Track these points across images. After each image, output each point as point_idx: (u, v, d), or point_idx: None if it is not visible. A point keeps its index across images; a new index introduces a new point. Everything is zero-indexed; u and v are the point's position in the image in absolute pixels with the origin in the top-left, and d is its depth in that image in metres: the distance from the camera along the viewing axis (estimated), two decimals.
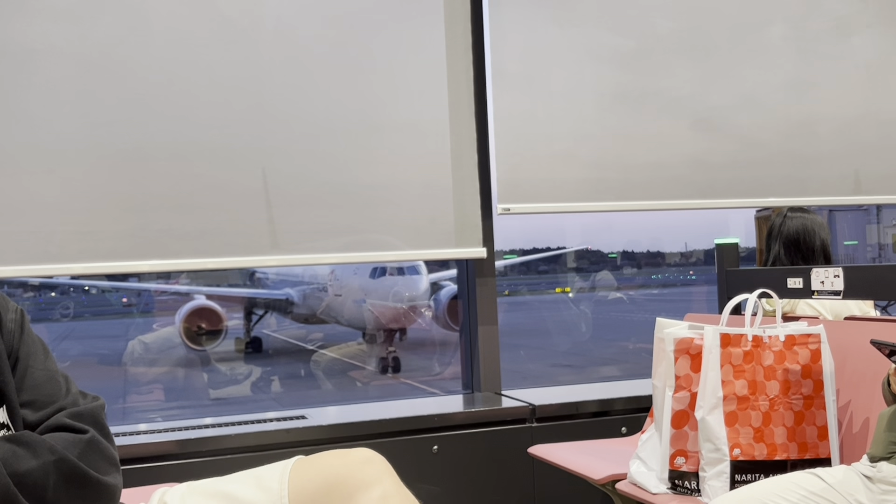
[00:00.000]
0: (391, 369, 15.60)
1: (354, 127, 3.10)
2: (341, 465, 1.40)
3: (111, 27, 2.86)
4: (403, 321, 15.35)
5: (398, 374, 15.39)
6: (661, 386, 2.27)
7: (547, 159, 3.32)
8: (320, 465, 1.41)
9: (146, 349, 18.08)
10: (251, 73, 3.00)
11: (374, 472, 1.38)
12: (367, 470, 1.38)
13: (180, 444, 2.68)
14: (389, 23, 3.16)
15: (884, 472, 1.82)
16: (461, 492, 2.93)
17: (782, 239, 3.03)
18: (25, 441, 1.28)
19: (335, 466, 1.40)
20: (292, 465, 1.43)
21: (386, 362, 15.70)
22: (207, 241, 2.94)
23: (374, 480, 1.36)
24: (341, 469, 1.39)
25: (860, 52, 3.78)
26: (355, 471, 1.37)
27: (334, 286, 16.22)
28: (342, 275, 15.91)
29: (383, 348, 15.95)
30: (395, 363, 15.65)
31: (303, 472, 1.41)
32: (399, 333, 16.19)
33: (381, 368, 15.78)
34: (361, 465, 1.39)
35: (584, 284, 29.23)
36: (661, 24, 3.52)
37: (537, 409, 3.05)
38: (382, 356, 15.81)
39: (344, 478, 1.37)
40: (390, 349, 15.79)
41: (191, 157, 2.93)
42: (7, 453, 1.24)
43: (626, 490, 2.29)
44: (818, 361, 2.20)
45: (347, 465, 1.39)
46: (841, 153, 3.73)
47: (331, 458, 1.42)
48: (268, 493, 1.39)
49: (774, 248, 3.06)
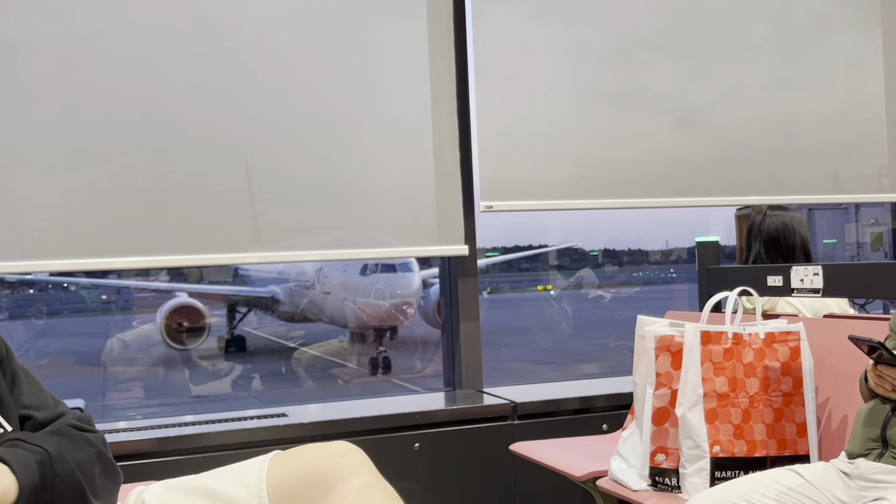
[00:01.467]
0: (381, 369, 15.15)
1: (336, 124, 3.09)
2: (319, 458, 1.40)
3: (91, 22, 2.83)
4: (394, 320, 14.93)
5: (389, 375, 14.97)
6: (642, 383, 2.28)
7: (529, 157, 3.32)
8: (298, 458, 1.42)
9: (125, 347, 17.91)
10: (232, 70, 2.98)
11: (353, 463, 1.38)
12: (346, 462, 1.38)
13: (160, 442, 2.67)
14: (371, 20, 3.15)
15: (861, 468, 1.83)
16: (442, 489, 2.93)
17: (762, 238, 3.05)
18: (68, 435, 1.35)
19: (313, 459, 1.40)
20: (270, 459, 1.43)
21: (376, 362, 15.26)
22: (188, 238, 2.92)
23: (352, 472, 1.37)
24: (319, 462, 1.39)
25: (839, 51, 3.80)
26: (333, 463, 1.38)
27: (322, 284, 15.85)
28: (330, 272, 15.53)
29: (373, 348, 15.53)
30: (385, 363, 15.20)
31: (281, 465, 1.41)
32: (389, 332, 15.71)
33: (372, 369, 15.35)
34: (339, 457, 1.39)
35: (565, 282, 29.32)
36: (644, 22, 3.53)
37: (519, 407, 3.06)
38: (372, 356, 15.40)
39: (322, 470, 1.37)
40: (380, 349, 15.34)
41: (171, 154, 2.90)
42: (62, 447, 1.31)
43: (607, 487, 2.30)
44: (797, 359, 2.22)
45: (325, 457, 1.40)
46: (820, 152, 3.76)
47: (309, 452, 1.43)
48: (246, 487, 1.39)
49: (755, 246, 3.07)
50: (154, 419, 2.90)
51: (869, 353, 1.82)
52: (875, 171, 3.86)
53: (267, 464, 1.42)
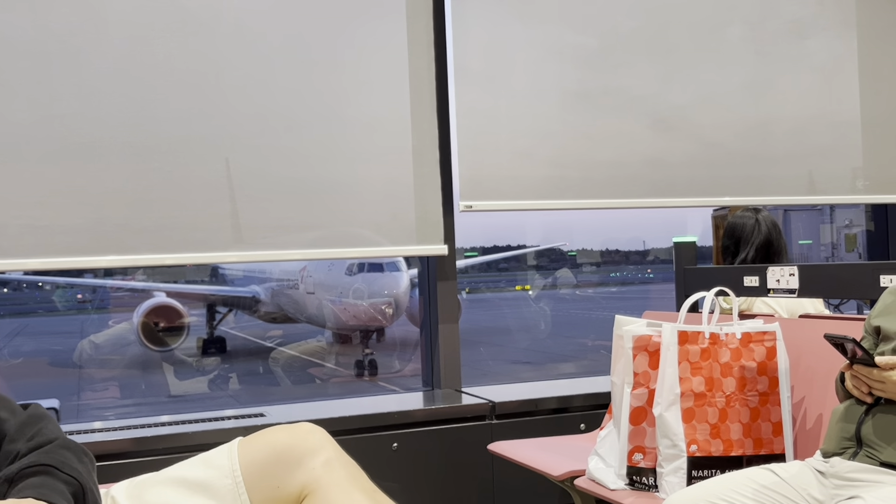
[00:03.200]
0: (367, 372, 14.79)
1: (315, 122, 3.08)
2: (287, 437, 1.47)
3: (66, 17, 2.80)
4: (382, 320, 14.55)
5: (376, 377, 14.63)
6: (620, 383, 2.29)
7: (508, 157, 3.33)
8: (266, 439, 1.48)
9: (97, 349, 17.67)
10: (211, 67, 2.96)
11: (319, 440, 1.46)
12: (312, 439, 1.46)
13: (136, 442, 2.65)
14: (351, 18, 3.14)
15: (836, 467, 1.85)
16: (421, 489, 2.93)
17: (759, 242, 3.03)
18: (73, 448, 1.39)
19: (281, 438, 1.47)
20: (237, 442, 1.49)
21: (362, 364, 14.91)
22: (165, 237, 2.90)
23: (318, 447, 1.45)
24: (287, 440, 1.46)
25: (815, 54, 3.84)
26: (301, 440, 1.45)
27: (306, 283, 15.48)
28: (314, 271, 15.16)
29: (358, 349, 15.19)
30: (371, 366, 14.87)
31: (249, 446, 1.47)
32: (376, 334, 15.36)
33: (357, 372, 14.99)
34: (306, 434, 1.47)
35: (543, 282, 29.42)
36: (623, 23, 3.54)
37: (497, 406, 3.06)
38: (359, 359, 15.04)
39: (291, 446, 1.44)
40: (367, 351, 15.01)
41: (148, 151, 2.88)
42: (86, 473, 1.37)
43: (585, 486, 2.30)
44: (773, 358, 2.23)
45: (293, 436, 1.47)
46: (796, 154, 3.79)
47: (275, 432, 1.49)
48: (219, 470, 1.44)
49: (745, 251, 3.04)
50: (130, 419, 2.88)
51: (844, 352, 1.83)
52: (850, 172, 3.91)
53: (235, 446, 1.47)
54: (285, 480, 1.41)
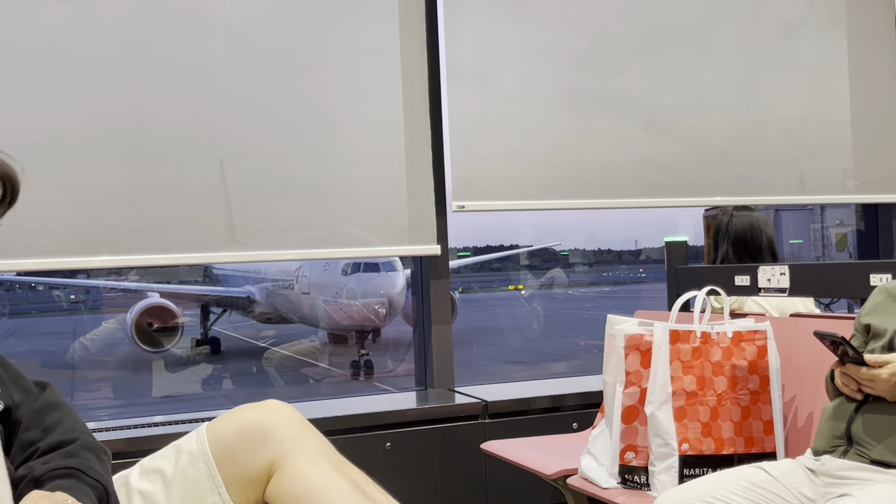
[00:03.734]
0: (363, 373, 14.56)
1: (308, 123, 3.09)
2: (253, 413, 1.50)
3: (59, 18, 2.80)
4: (378, 321, 14.29)
5: (371, 378, 14.41)
6: (612, 382, 2.30)
7: (501, 157, 3.33)
8: (233, 418, 1.51)
9: (86, 350, 17.55)
10: (203, 68, 2.96)
11: (286, 414, 1.49)
12: (279, 413, 1.49)
13: (129, 443, 2.64)
14: (344, 20, 3.14)
15: (827, 465, 1.86)
16: (414, 489, 2.93)
17: (730, 238, 3.08)
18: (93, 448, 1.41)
19: (247, 416, 1.50)
20: (205, 427, 1.52)
21: (358, 366, 14.71)
22: (159, 237, 2.90)
23: (285, 421, 1.48)
24: (253, 416, 1.49)
25: (805, 55, 3.86)
26: (266, 416, 1.48)
27: (301, 284, 15.26)
28: (310, 272, 14.93)
29: (355, 350, 14.95)
30: (367, 367, 14.66)
31: (217, 428, 1.50)
32: (372, 335, 15.11)
33: (353, 373, 14.78)
34: (272, 410, 1.50)
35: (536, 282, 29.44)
36: (614, 25, 3.55)
37: (490, 406, 3.07)
38: (354, 359, 14.85)
39: (258, 422, 1.47)
40: (363, 352, 14.77)
41: (140, 152, 2.88)
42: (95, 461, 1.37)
43: (577, 485, 2.31)
44: (764, 357, 2.25)
45: (259, 412, 1.50)
46: (787, 154, 3.81)
47: (242, 411, 1.52)
48: (191, 456, 1.47)
49: (723, 247, 3.10)
50: (123, 419, 2.88)
51: (834, 350, 1.85)
52: (840, 172, 3.92)
53: (204, 430, 1.50)
54: (254, 456, 1.44)
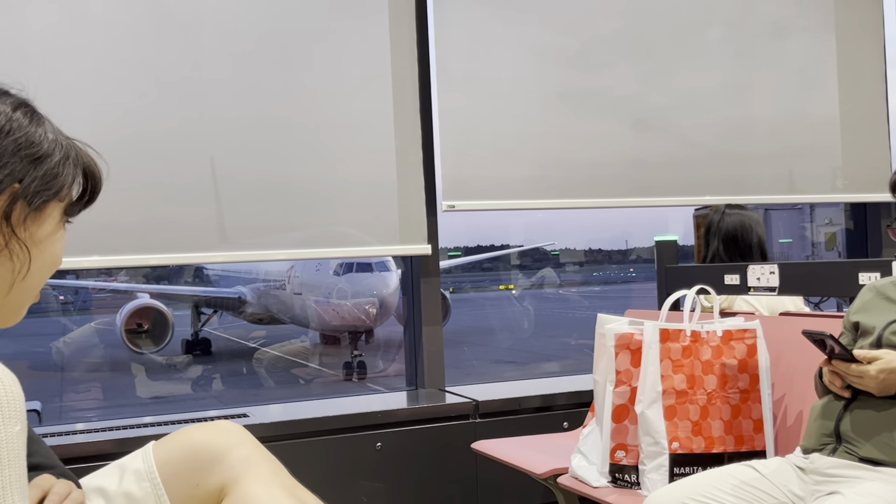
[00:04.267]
0: (356, 375, 14.35)
1: (298, 122, 3.08)
2: (203, 435, 1.44)
3: (48, 18, 2.79)
4: (371, 320, 14.11)
5: (365, 380, 14.23)
6: (602, 381, 2.30)
7: (491, 157, 3.34)
8: (181, 438, 1.45)
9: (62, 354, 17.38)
10: (192, 68, 2.95)
11: (237, 437, 1.44)
12: (229, 436, 1.44)
13: (119, 444, 2.63)
14: (334, 19, 3.14)
15: (816, 463, 1.87)
16: (405, 488, 2.93)
17: (721, 236, 3.09)
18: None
19: (197, 437, 1.44)
20: (152, 445, 1.46)
21: (351, 367, 14.47)
22: (149, 237, 2.89)
23: (237, 443, 1.42)
24: (203, 437, 1.43)
25: (794, 55, 3.87)
26: (217, 438, 1.42)
27: (293, 284, 15.12)
28: (302, 272, 14.79)
29: (346, 351, 14.77)
30: (360, 368, 14.44)
31: (165, 447, 1.44)
32: (365, 335, 14.85)
33: (346, 374, 14.55)
34: (223, 432, 1.45)
35: (526, 282, 29.47)
36: (604, 24, 3.56)
37: (480, 405, 3.07)
38: (347, 360, 14.60)
39: (207, 444, 1.41)
40: (355, 352, 14.55)
41: (129, 152, 2.87)
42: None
43: (568, 484, 2.32)
44: (754, 356, 2.25)
45: (209, 433, 1.44)
46: (776, 153, 3.82)
47: (191, 431, 1.46)
48: (136, 475, 1.41)
49: (713, 244, 3.11)
50: (112, 420, 2.87)
51: (822, 348, 1.85)
52: (829, 172, 3.94)
53: (150, 449, 1.44)
54: (204, 478, 1.39)
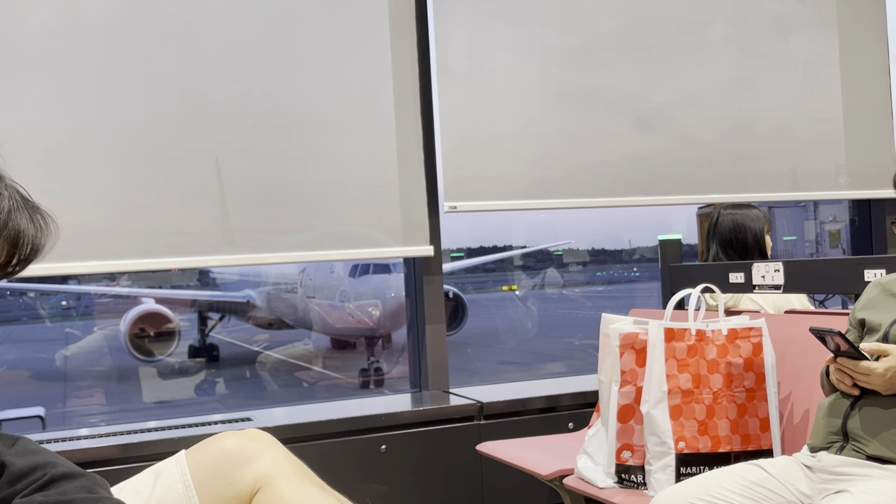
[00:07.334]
0: (374, 382, 13.49)
1: (299, 124, 3.07)
2: (233, 440, 1.51)
3: (47, 20, 2.78)
4: (386, 325, 13.34)
5: (382, 388, 13.48)
6: (607, 381, 2.30)
7: (493, 157, 3.33)
8: (213, 444, 1.52)
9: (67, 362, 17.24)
10: (194, 70, 2.95)
11: (265, 442, 1.51)
12: (261, 440, 1.51)
13: (123, 449, 2.63)
14: (334, 21, 3.13)
15: (823, 461, 1.86)
16: (409, 491, 2.92)
17: (717, 239, 3.07)
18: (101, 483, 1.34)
19: (228, 442, 1.51)
20: (184, 452, 1.52)
21: (367, 374, 13.69)
22: (151, 241, 2.88)
23: (266, 447, 1.49)
24: (234, 442, 1.50)
25: (797, 52, 3.86)
26: (249, 441, 1.50)
27: (306, 287, 14.56)
28: (315, 274, 14.25)
29: (354, 353, 14.25)
30: (377, 375, 13.59)
31: (197, 453, 1.51)
32: (382, 341, 14.07)
33: (363, 382, 13.75)
34: (254, 437, 1.52)
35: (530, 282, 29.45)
36: (605, 22, 3.55)
37: (485, 407, 3.06)
38: (363, 367, 13.86)
39: (239, 447, 1.48)
40: (372, 359, 13.78)
41: (131, 154, 2.86)
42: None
43: (574, 485, 2.31)
44: (760, 354, 2.24)
45: (240, 438, 1.51)
46: (779, 151, 3.81)
47: (222, 438, 1.53)
48: (168, 477, 1.47)
49: (713, 248, 3.10)
50: (116, 425, 2.86)
51: (829, 346, 1.84)
52: (833, 169, 3.93)
53: (183, 455, 1.51)
54: (236, 477, 1.45)
